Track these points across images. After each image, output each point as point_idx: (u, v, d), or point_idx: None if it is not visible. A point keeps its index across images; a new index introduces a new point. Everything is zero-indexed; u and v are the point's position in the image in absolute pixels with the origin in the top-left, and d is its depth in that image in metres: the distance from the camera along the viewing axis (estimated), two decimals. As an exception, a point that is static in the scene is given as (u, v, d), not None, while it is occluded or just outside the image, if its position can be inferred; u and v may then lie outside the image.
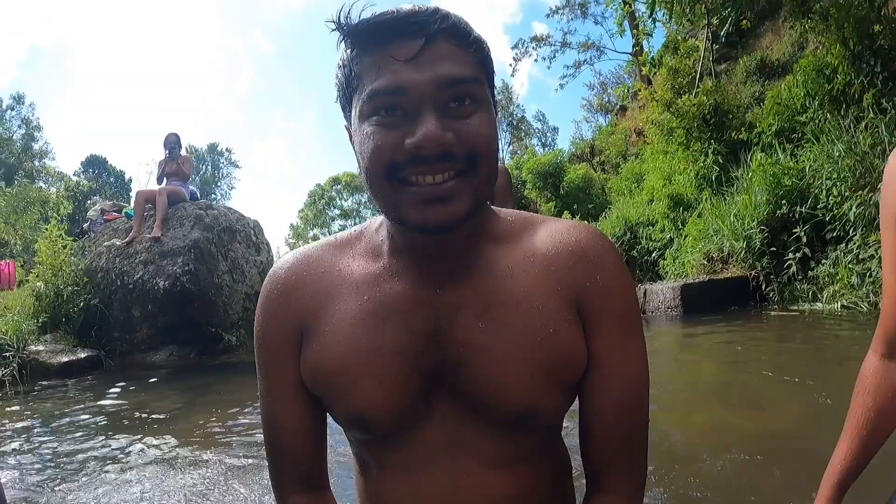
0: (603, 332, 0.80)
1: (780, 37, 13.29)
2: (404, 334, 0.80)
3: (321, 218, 38.22)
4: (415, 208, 0.73)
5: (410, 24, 0.74)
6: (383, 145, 0.73)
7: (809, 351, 4.39)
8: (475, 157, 0.73)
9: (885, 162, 2.63)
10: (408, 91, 0.72)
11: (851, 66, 7.10)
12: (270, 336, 0.87)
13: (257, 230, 8.18)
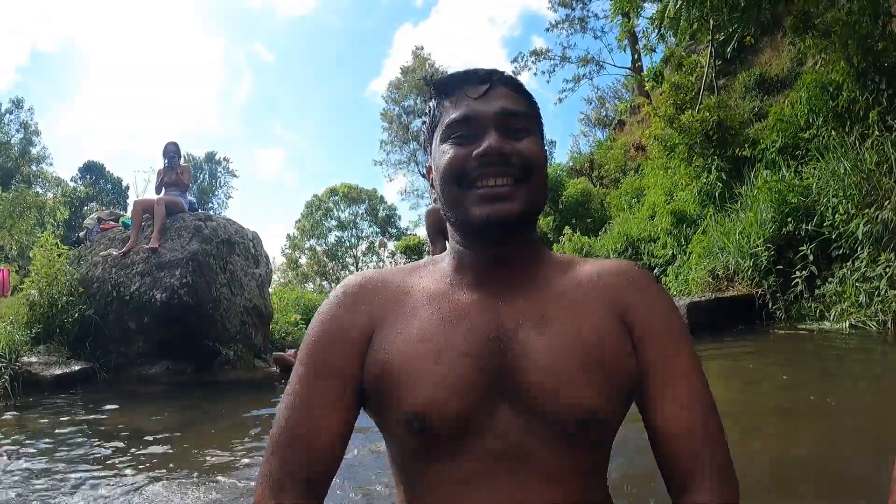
0: (654, 342, 0.90)
1: (778, 53, 13.35)
2: (469, 338, 0.88)
3: (318, 229, 38.14)
4: (478, 206, 0.90)
5: (479, 75, 0.98)
6: (455, 156, 0.93)
7: (821, 371, 4.30)
8: (529, 168, 0.92)
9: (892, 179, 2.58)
10: (477, 118, 0.93)
11: (856, 82, 7.06)
12: (333, 330, 0.94)
13: (256, 242, 8.08)
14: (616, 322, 0.90)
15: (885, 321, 5.11)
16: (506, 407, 0.85)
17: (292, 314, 9.99)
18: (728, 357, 5.06)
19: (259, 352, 7.44)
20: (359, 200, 38.15)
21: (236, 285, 7.15)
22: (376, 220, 39.05)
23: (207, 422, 4.04)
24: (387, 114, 37.21)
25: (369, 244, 39.38)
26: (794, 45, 12.55)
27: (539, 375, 0.84)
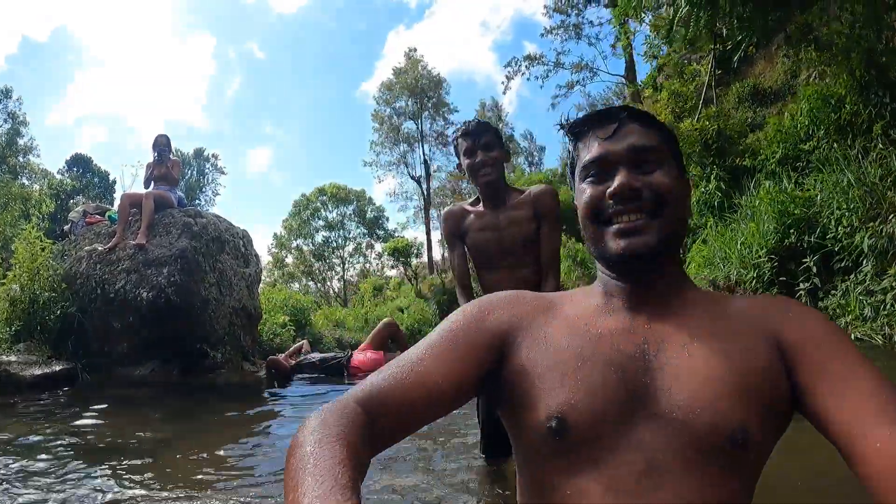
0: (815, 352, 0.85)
1: (773, 64, 13.36)
2: (614, 351, 0.89)
3: (305, 228, 37.82)
4: (613, 240, 0.94)
5: (607, 114, 1.01)
6: (591, 196, 0.98)
7: None
8: (661, 201, 0.94)
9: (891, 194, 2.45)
10: (608, 158, 0.97)
11: (859, 95, 7.01)
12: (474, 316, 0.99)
13: (246, 241, 7.88)
14: (768, 346, 0.88)
15: (892, 335, 5.03)
16: (649, 422, 0.83)
17: (280, 316, 9.78)
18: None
19: (247, 354, 7.25)
20: (347, 201, 37.89)
21: (225, 285, 6.95)
22: (364, 222, 38.80)
23: (196, 435, 3.85)
24: (378, 114, 37.02)
25: (356, 245, 39.14)
26: (789, 57, 12.60)
27: (685, 392, 0.83)
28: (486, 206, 2.56)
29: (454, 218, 2.63)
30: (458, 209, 2.64)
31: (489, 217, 2.54)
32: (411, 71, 35.89)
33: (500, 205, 2.53)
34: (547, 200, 2.51)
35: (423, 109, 36.53)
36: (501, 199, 2.54)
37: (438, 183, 38.47)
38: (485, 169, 2.46)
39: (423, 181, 36.48)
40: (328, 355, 6.75)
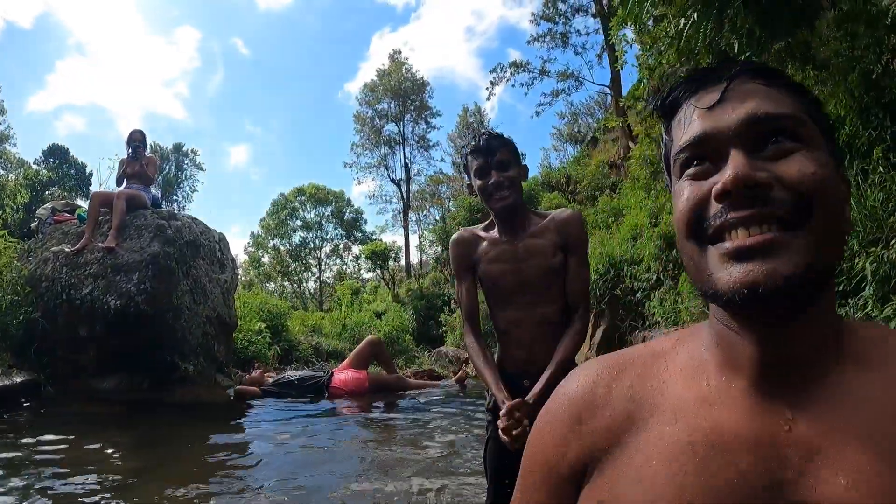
0: None
1: (759, 84, 13.40)
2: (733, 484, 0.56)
3: (282, 228, 37.23)
4: (724, 269, 0.59)
5: (710, 74, 0.67)
6: (689, 199, 0.63)
7: None
8: (804, 202, 0.58)
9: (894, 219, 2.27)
10: (712, 137, 0.63)
11: (858, 117, 6.90)
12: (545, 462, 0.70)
13: (223, 245, 7.53)
14: None
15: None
16: None
17: (256, 322, 9.40)
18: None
19: (221, 366, 6.90)
20: (325, 202, 37.38)
21: (199, 293, 6.59)
22: (342, 223, 38.35)
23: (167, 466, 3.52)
24: (359, 116, 36.64)
25: (334, 247, 38.67)
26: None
27: None
28: (502, 233, 2.19)
29: (464, 245, 2.27)
30: (468, 235, 2.28)
31: (506, 245, 2.18)
32: (395, 73, 35.62)
33: (519, 231, 2.17)
34: (575, 227, 2.16)
35: (406, 112, 36.26)
36: (520, 224, 2.18)
37: (418, 186, 38.25)
38: (500, 192, 2.10)
39: (403, 184, 36.21)
40: (307, 374, 6.41)
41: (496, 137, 2.16)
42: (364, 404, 5.81)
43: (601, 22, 22.42)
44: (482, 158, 2.12)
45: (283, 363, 9.27)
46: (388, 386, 6.31)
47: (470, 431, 4.28)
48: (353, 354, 6.54)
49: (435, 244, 27.57)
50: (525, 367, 2.03)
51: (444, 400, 5.85)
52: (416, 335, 18.62)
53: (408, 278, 30.76)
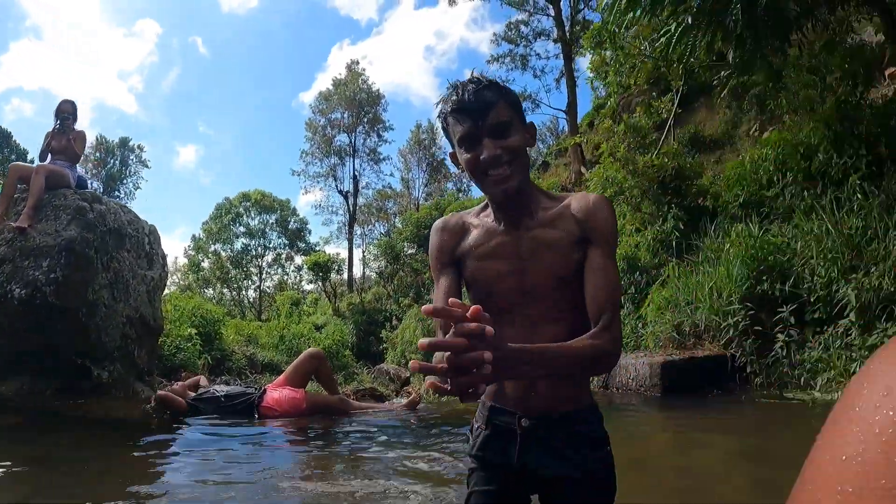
0: None
1: (713, 113, 13.54)
2: None
3: (225, 233, 35.89)
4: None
5: None
6: None
7: None
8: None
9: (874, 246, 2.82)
10: None
11: (832, 146, 6.78)
12: None
13: (153, 238, 6.73)
14: None
15: None
16: None
17: (187, 327, 8.54)
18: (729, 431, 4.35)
19: (142, 373, 6.09)
20: (271, 209, 36.25)
21: (121, 288, 5.79)
22: (286, 232, 37.27)
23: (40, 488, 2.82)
24: (312, 124, 35.85)
25: (276, 256, 37.50)
26: (731, 108, 12.76)
27: None
28: (501, 220, 1.54)
29: (447, 233, 1.59)
30: (455, 222, 1.60)
31: (505, 237, 1.52)
32: (351, 83, 35.08)
33: (524, 218, 1.51)
34: (603, 214, 1.46)
35: (359, 123, 35.70)
36: (526, 209, 1.51)
37: (365, 200, 37.64)
38: (498, 170, 1.42)
39: (350, 196, 35.51)
40: (236, 389, 5.51)
41: (490, 87, 1.43)
42: (300, 429, 4.97)
43: (562, 47, 22.50)
44: (469, 121, 1.42)
45: (213, 374, 8.43)
46: (329, 408, 5.47)
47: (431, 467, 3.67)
48: (290, 369, 5.62)
49: (379, 259, 26.96)
50: (524, 406, 1.44)
51: (395, 427, 5.13)
52: (355, 351, 17.98)
53: (350, 292, 30.07)
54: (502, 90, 1.45)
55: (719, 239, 7.65)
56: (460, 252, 1.55)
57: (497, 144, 1.40)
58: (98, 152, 33.81)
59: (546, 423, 1.43)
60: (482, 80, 1.45)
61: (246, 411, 5.15)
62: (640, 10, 5.95)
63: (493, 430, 1.49)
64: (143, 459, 3.72)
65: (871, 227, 5.72)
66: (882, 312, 5.06)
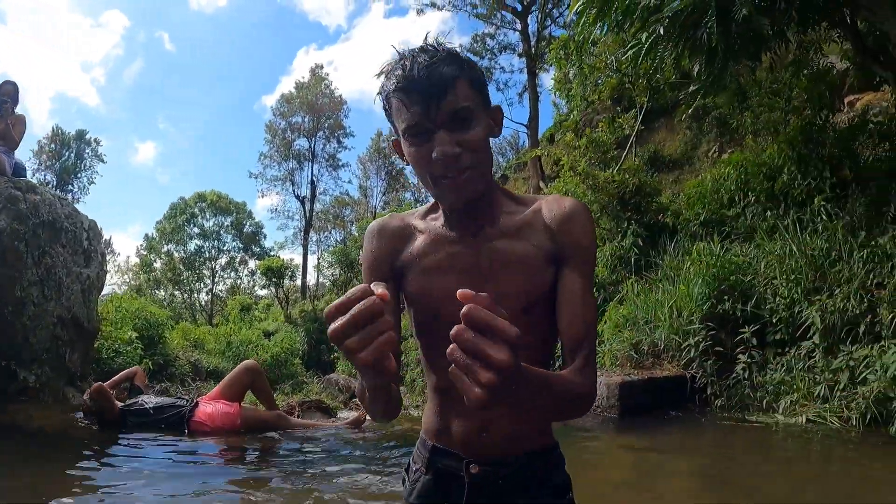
0: None
1: (674, 134, 13.72)
2: None
3: (179, 234, 34.84)
4: None
5: None
6: None
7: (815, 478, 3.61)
8: None
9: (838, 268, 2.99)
10: None
11: (796, 167, 6.81)
12: None
13: (92, 233, 6.29)
14: None
15: (850, 417, 4.55)
16: None
17: (128, 330, 8.04)
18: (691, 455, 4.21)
19: (74, 377, 5.64)
20: (227, 211, 35.37)
21: (53, 286, 5.36)
22: (241, 235, 36.43)
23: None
24: (272, 126, 35.20)
25: (230, 259, 36.60)
26: (691, 129, 12.93)
27: None
28: (455, 226, 1.22)
29: (385, 239, 1.28)
30: (395, 224, 1.29)
31: (458, 247, 1.21)
32: (314, 87, 34.61)
33: (484, 225, 1.20)
34: (581, 224, 1.18)
35: (319, 128, 35.20)
36: (487, 214, 1.21)
37: (322, 206, 37.13)
38: (455, 176, 1.11)
39: (307, 202, 34.93)
40: (166, 401, 5.02)
41: (448, 60, 1.09)
42: (234, 447, 4.56)
43: (527, 62, 22.62)
44: (419, 105, 1.08)
45: (154, 380, 7.95)
46: (265, 425, 5.08)
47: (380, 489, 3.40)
48: (225, 382, 5.17)
49: (334, 266, 26.51)
50: (474, 449, 1.19)
51: (339, 447, 4.77)
52: (306, 359, 17.52)
53: (303, 299, 29.56)
54: (464, 64, 1.11)
55: (679, 257, 7.61)
56: (401, 263, 1.24)
57: (454, 138, 1.08)
58: (53, 143, 32.42)
59: (499, 470, 1.17)
60: (438, 49, 1.10)
61: (175, 425, 4.73)
62: (608, 23, 5.87)
63: (435, 476, 1.23)
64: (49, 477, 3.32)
65: (835, 249, 5.72)
66: (847, 335, 5.02)
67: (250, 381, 5.13)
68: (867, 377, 4.57)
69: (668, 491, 3.44)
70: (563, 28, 22.84)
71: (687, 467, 3.97)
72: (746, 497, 3.28)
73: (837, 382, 4.78)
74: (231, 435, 4.77)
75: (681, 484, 3.59)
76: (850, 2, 4.83)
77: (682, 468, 3.93)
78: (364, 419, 5.39)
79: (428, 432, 1.26)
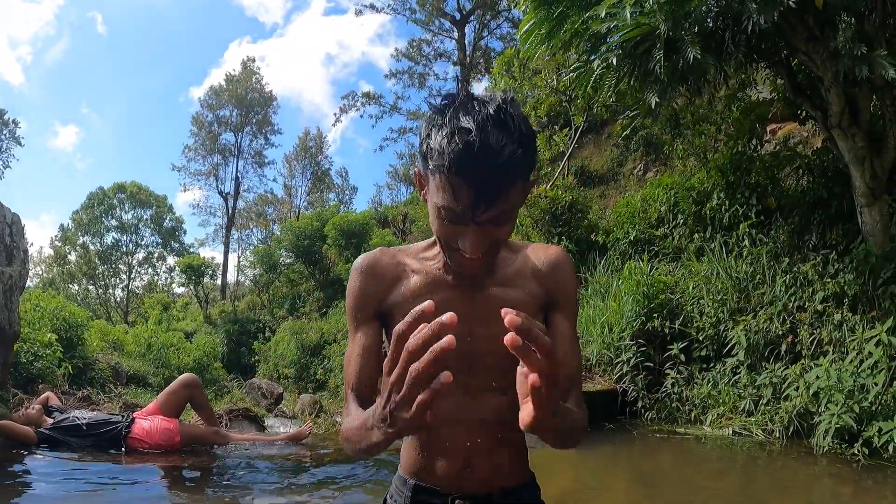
0: None
1: (600, 151, 14.25)
2: None
3: (96, 226, 32.91)
4: None
5: None
6: None
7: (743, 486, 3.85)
8: None
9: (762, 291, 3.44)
10: None
11: (724, 192, 7.22)
12: None
13: (15, 229, 5.93)
14: None
15: (774, 430, 4.91)
16: None
17: (47, 332, 7.57)
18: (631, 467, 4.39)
19: (-9, 385, 5.29)
20: (146, 204, 33.72)
21: (-27, 286, 5.02)
22: (160, 230, 34.85)
23: None
24: (198, 119, 33.90)
25: (148, 254, 34.98)
26: (618, 146, 13.47)
27: None
28: (451, 272, 1.23)
29: (376, 278, 1.27)
30: (387, 262, 1.28)
31: (453, 293, 1.22)
32: (244, 81, 33.67)
33: (482, 273, 1.22)
34: (567, 272, 1.27)
35: (247, 124, 34.29)
36: (486, 264, 1.19)
37: (245, 203, 36.21)
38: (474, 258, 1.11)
39: (230, 198, 33.92)
40: (100, 417, 4.75)
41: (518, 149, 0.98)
42: (174, 466, 4.33)
43: (461, 70, 22.92)
44: (467, 198, 1.01)
45: (74, 384, 7.52)
46: (205, 441, 4.90)
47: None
48: (163, 397, 4.96)
49: (255, 266, 25.87)
50: (458, 485, 1.22)
51: (285, 463, 4.62)
52: (226, 362, 17.03)
53: (222, 298, 28.64)
54: (529, 149, 1.01)
55: (609, 273, 7.93)
56: (391, 303, 1.24)
57: (487, 236, 1.06)
58: (-34, 125, 29.98)
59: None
60: (514, 125, 0.98)
61: (111, 443, 4.49)
62: (554, 44, 6.06)
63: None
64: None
65: (759, 273, 6.13)
66: (770, 354, 5.39)
67: (189, 395, 4.95)
68: (790, 393, 4.93)
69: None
70: (499, 40, 23.33)
71: (624, 480, 4.15)
72: None
73: (761, 397, 5.15)
74: (170, 453, 4.59)
75: (619, 497, 3.76)
76: (789, 45, 5.19)
77: (620, 481, 4.11)
78: (307, 434, 5.30)
79: (407, 470, 1.27)
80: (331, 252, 18.74)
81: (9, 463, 3.99)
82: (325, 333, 15.56)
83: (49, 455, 4.28)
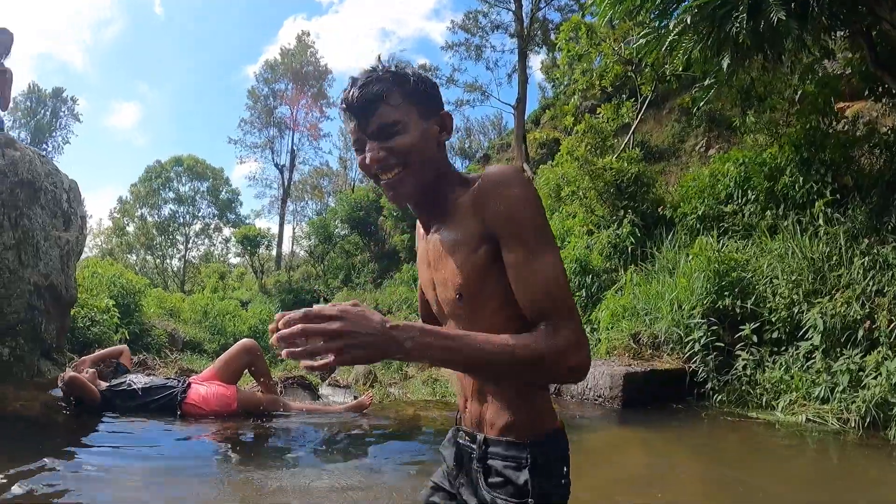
0: None
1: (661, 126, 13.68)
2: None
3: (153, 198, 34.02)
4: None
5: None
6: None
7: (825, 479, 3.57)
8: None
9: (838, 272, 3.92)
10: None
11: (798, 169, 6.75)
12: None
13: (72, 195, 5.96)
14: None
15: (848, 419, 4.59)
16: None
17: (104, 298, 7.73)
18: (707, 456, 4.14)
19: (50, 350, 5.36)
20: (203, 177, 34.60)
21: (30, 251, 5.05)
22: (217, 202, 35.72)
23: None
24: (254, 92, 34.43)
25: (204, 225, 35.92)
26: (679, 122, 12.89)
27: None
28: (422, 223, 1.36)
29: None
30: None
31: (423, 242, 1.35)
32: (299, 55, 33.86)
33: (436, 217, 1.28)
34: (505, 194, 1.14)
35: (302, 97, 34.56)
36: (439, 207, 1.27)
37: (300, 176, 36.61)
38: (387, 174, 1.21)
39: (286, 171, 34.37)
40: (156, 382, 4.65)
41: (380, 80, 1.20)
42: (231, 433, 4.23)
43: (518, 43, 22.31)
44: (354, 121, 1.24)
45: (130, 350, 7.66)
46: (262, 408, 4.80)
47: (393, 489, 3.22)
48: (221, 363, 4.82)
49: (311, 237, 26.15)
50: (463, 420, 1.33)
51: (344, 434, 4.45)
52: (280, 331, 17.29)
53: (277, 269, 29.17)
54: (396, 80, 1.21)
55: (675, 249, 7.58)
56: None
57: (381, 146, 1.20)
58: (29, 101, 31.30)
59: (471, 446, 1.26)
60: (375, 71, 1.23)
61: (166, 408, 4.46)
62: (624, 9, 5.69)
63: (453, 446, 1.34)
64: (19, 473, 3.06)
65: (835, 254, 5.70)
66: (847, 340, 5.00)
67: (249, 362, 4.85)
68: (868, 382, 4.58)
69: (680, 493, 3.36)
70: (557, 11, 22.60)
71: (695, 466, 3.90)
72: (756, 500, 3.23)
73: (837, 385, 4.79)
74: (226, 419, 4.52)
75: (691, 485, 3.52)
76: (873, 13, 4.74)
77: (691, 467, 3.86)
78: (368, 405, 5.15)
79: None
80: (387, 224, 18.70)
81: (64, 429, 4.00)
82: (379, 304, 15.62)
83: (105, 417, 4.27)
